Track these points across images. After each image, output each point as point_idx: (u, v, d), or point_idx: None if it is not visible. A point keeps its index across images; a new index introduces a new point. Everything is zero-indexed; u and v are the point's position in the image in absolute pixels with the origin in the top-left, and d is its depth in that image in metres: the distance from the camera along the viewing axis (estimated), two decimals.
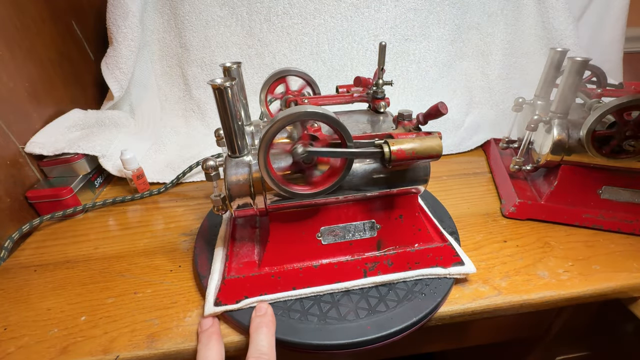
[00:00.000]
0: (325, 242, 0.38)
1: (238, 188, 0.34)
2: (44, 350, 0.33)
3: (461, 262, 0.39)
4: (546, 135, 0.47)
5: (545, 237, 0.46)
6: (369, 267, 0.38)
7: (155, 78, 0.75)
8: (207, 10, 0.69)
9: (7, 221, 0.48)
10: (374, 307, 0.35)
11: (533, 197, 0.50)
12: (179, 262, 0.44)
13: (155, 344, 0.33)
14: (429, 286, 0.37)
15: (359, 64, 0.75)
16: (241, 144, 0.34)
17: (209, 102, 0.75)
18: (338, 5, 0.71)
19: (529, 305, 0.38)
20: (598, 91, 0.50)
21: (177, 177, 0.60)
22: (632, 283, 0.39)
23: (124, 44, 0.63)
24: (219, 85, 0.30)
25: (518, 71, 0.80)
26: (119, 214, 0.54)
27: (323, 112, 0.29)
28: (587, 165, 0.47)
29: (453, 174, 0.62)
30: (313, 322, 0.34)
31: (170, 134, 0.72)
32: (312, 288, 0.36)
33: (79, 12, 0.67)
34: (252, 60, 0.74)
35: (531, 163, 0.52)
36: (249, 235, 0.42)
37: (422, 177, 0.37)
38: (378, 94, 0.42)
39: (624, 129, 0.41)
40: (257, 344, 0.30)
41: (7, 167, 0.49)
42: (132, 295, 0.39)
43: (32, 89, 0.55)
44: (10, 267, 0.44)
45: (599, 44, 0.82)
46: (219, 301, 0.35)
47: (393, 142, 0.32)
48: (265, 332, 0.31)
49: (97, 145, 0.57)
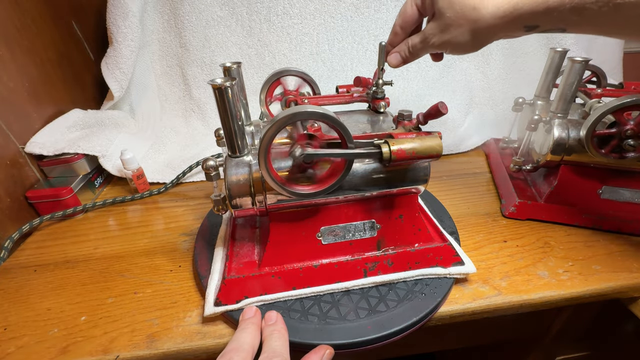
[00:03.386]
0: (326, 242, 0.38)
1: (238, 188, 0.34)
2: (44, 350, 0.33)
3: (461, 262, 0.39)
4: (546, 135, 0.47)
5: (545, 237, 0.46)
6: (369, 267, 0.38)
7: (155, 78, 0.75)
8: (207, 10, 0.69)
9: (7, 221, 0.48)
10: (374, 307, 0.35)
11: (533, 197, 0.50)
12: (179, 262, 0.44)
13: (155, 344, 0.33)
14: (429, 286, 0.37)
15: (359, 64, 0.75)
16: (241, 143, 0.34)
17: (209, 102, 0.75)
18: (338, 5, 0.71)
19: (529, 305, 0.38)
20: (598, 91, 0.50)
21: (177, 177, 0.60)
22: (632, 283, 0.39)
23: (124, 44, 0.63)
24: (219, 85, 0.30)
25: (518, 71, 0.80)
26: (119, 214, 0.54)
27: (323, 112, 0.29)
28: (587, 165, 0.47)
29: (453, 174, 0.62)
30: (313, 322, 0.34)
31: (170, 134, 0.72)
32: (312, 288, 0.36)
33: (79, 12, 0.67)
34: (252, 60, 0.74)
35: (531, 163, 0.52)
36: (249, 235, 0.42)
37: (422, 177, 0.37)
38: (378, 94, 0.42)
39: (624, 129, 0.41)
40: (270, 346, 0.29)
41: (7, 167, 0.49)
42: (132, 295, 0.39)
43: (32, 89, 0.55)
44: (10, 267, 0.44)
45: (599, 44, 0.82)
46: (219, 301, 0.35)
47: (393, 142, 0.32)
48: (277, 336, 0.30)
49: (97, 145, 0.57)
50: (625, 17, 0.27)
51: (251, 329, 0.31)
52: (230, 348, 0.28)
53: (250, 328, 0.31)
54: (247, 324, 0.32)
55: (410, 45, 0.38)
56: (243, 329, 0.31)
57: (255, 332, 0.31)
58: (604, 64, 0.75)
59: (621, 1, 0.26)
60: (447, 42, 0.35)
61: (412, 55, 0.38)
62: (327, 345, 0.31)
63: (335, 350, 0.31)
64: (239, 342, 0.29)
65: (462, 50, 0.36)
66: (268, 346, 0.29)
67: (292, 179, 0.33)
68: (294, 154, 0.31)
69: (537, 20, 0.30)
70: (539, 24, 0.31)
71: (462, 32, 0.33)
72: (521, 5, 0.30)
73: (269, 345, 0.29)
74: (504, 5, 0.30)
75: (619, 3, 0.26)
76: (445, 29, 0.34)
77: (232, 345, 0.29)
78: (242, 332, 0.30)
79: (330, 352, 0.30)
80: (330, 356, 0.30)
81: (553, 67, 0.55)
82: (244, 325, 0.31)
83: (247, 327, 0.31)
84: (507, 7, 0.30)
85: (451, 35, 0.34)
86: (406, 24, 0.38)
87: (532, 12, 0.30)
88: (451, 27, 0.34)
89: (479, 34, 0.33)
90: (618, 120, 0.41)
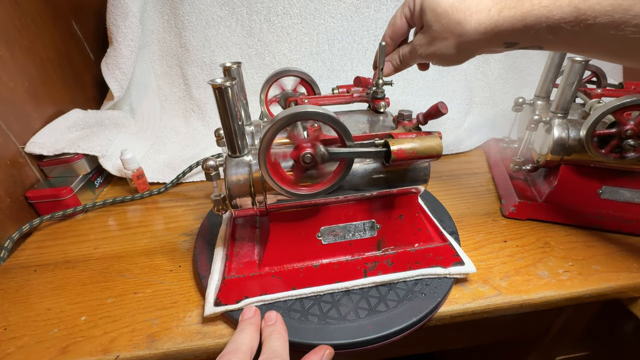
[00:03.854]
0: (326, 242, 0.38)
1: (238, 188, 0.34)
2: (44, 350, 0.33)
3: (461, 262, 0.39)
4: (546, 135, 0.47)
5: (545, 237, 0.46)
6: (369, 267, 0.38)
7: (155, 78, 0.75)
8: (207, 10, 0.69)
9: (7, 221, 0.48)
10: (374, 307, 0.35)
11: (533, 197, 0.50)
12: (179, 262, 0.44)
13: (155, 344, 0.33)
14: (429, 286, 0.37)
15: (359, 64, 0.75)
16: (241, 143, 0.34)
17: (209, 102, 0.75)
18: (338, 5, 0.71)
19: (529, 305, 0.38)
20: (598, 91, 0.50)
21: (177, 177, 0.60)
22: (632, 283, 0.39)
23: (124, 44, 0.63)
24: (219, 85, 0.30)
25: (518, 71, 0.80)
26: (119, 214, 0.54)
27: (323, 112, 0.29)
28: (587, 165, 0.47)
29: (453, 174, 0.62)
30: (313, 322, 0.34)
31: (170, 134, 0.72)
32: (312, 288, 0.36)
33: (79, 12, 0.67)
34: (252, 60, 0.74)
35: (531, 163, 0.52)
36: (249, 235, 0.42)
37: (422, 177, 0.37)
38: (378, 94, 0.42)
39: (624, 129, 0.41)
40: (270, 346, 0.29)
41: (7, 167, 0.49)
42: (132, 295, 0.39)
43: (32, 89, 0.55)
44: (10, 267, 0.44)
45: None
46: (219, 301, 0.35)
47: (393, 142, 0.32)
48: (277, 337, 0.30)
49: (97, 145, 0.57)
50: (597, 38, 0.29)
51: (250, 330, 0.31)
52: (229, 350, 0.28)
53: (249, 329, 0.31)
54: (246, 324, 0.32)
55: (401, 54, 0.40)
56: (242, 329, 0.31)
57: (253, 332, 0.31)
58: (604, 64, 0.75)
59: (592, 22, 0.27)
60: (433, 53, 0.37)
61: (402, 64, 0.41)
62: (327, 346, 0.31)
63: (335, 351, 0.31)
64: (238, 344, 0.29)
65: (448, 62, 0.37)
66: (268, 347, 0.29)
67: (292, 179, 0.33)
68: (319, 153, 0.30)
69: (516, 38, 0.32)
70: (517, 41, 0.33)
71: (447, 45, 0.35)
72: (501, 22, 0.31)
73: (268, 346, 0.29)
74: (485, 22, 0.32)
75: (590, 24, 0.28)
76: (432, 42, 0.36)
77: (231, 346, 0.29)
78: (241, 333, 0.30)
79: (330, 352, 0.30)
80: (330, 356, 0.30)
81: (553, 67, 0.55)
82: (242, 326, 0.31)
83: (245, 328, 0.31)
84: (489, 23, 0.32)
85: (437, 48, 0.36)
86: (395, 35, 0.40)
87: (511, 30, 0.31)
88: (437, 39, 0.35)
89: (462, 47, 0.35)
90: (618, 120, 0.41)
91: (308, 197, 0.33)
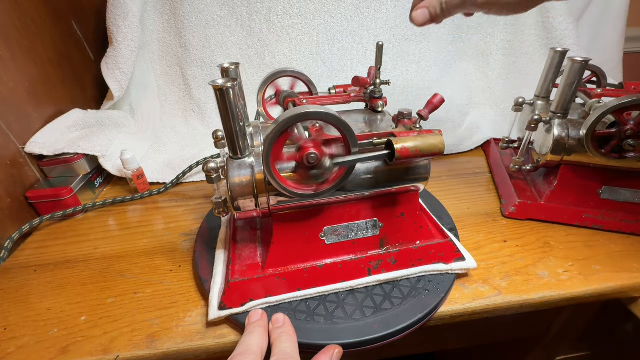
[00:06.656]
0: (329, 241, 0.38)
1: (241, 190, 0.33)
2: (44, 350, 0.33)
3: (462, 258, 0.39)
4: (546, 135, 0.47)
5: (545, 237, 0.46)
6: (373, 266, 0.38)
7: (155, 78, 0.75)
8: (207, 10, 0.69)
9: (7, 221, 0.48)
10: (379, 305, 0.35)
11: (533, 197, 0.50)
12: (179, 262, 0.44)
13: (155, 344, 0.33)
14: (432, 282, 0.37)
15: (359, 64, 0.75)
16: (243, 145, 0.34)
17: (209, 102, 0.75)
18: (338, 5, 0.71)
19: (529, 305, 0.38)
20: (598, 91, 0.50)
21: (177, 177, 0.60)
22: (632, 283, 0.39)
23: (124, 44, 0.63)
24: (220, 86, 0.29)
25: (518, 71, 0.80)
26: (119, 214, 0.54)
27: (327, 112, 0.29)
28: (587, 165, 0.47)
29: (453, 174, 0.62)
30: (320, 323, 0.34)
31: (170, 134, 0.72)
32: (317, 288, 0.36)
33: (79, 12, 0.67)
34: (252, 60, 0.74)
35: (531, 163, 0.52)
36: (251, 237, 0.42)
37: (422, 174, 0.37)
38: (376, 94, 0.42)
39: (624, 129, 0.41)
40: (280, 348, 0.29)
41: (7, 167, 0.49)
42: (132, 295, 0.39)
43: (32, 89, 0.55)
44: (10, 267, 0.44)
45: (599, 44, 0.82)
46: (223, 305, 0.34)
47: (396, 141, 0.32)
48: (286, 338, 0.30)
49: (97, 145, 0.57)
50: None
51: (258, 332, 0.31)
52: (239, 351, 0.28)
53: (258, 331, 0.31)
54: (254, 327, 0.31)
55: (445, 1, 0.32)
56: (250, 332, 0.31)
57: (262, 334, 0.31)
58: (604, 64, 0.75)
59: None
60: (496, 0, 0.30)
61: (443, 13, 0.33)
62: (336, 345, 0.31)
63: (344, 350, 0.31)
64: (248, 345, 0.29)
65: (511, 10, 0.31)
66: (278, 349, 0.29)
67: (295, 180, 0.33)
68: (324, 166, 0.30)
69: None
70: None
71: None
72: None
73: (279, 348, 0.29)
74: None
75: None
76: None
77: (241, 348, 0.29)
78: (250, 335, 0.30)
79: (339, 352, 0.30)
80: (339, 355, 0.30)
81: (553, 67, 0.55)
82: (250, 329, 0.31)
83: (254, 330, 0.31)
84: None
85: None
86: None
87: None
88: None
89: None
90: (618, 120, 0.41)
91: (312, 197, 0.33)
